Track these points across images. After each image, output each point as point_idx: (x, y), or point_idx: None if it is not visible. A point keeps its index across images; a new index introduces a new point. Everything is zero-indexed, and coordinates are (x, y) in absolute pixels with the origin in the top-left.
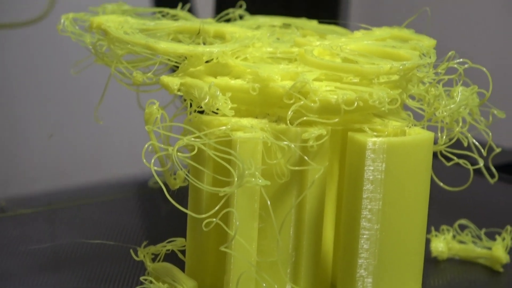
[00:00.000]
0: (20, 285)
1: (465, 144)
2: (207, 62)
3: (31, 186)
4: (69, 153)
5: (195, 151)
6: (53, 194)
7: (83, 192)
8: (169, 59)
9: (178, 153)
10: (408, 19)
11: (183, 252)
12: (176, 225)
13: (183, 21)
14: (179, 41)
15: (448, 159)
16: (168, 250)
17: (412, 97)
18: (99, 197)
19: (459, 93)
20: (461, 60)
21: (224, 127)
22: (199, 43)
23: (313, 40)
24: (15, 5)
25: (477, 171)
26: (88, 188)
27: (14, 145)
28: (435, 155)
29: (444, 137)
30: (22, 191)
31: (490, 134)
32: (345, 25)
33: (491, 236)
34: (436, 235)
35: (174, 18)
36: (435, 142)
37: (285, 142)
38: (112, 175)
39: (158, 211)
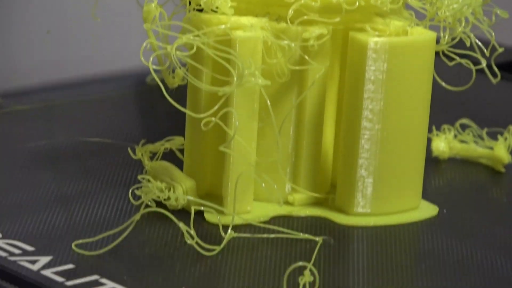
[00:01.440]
0: (17, 182)
1: (468, 44)
2: None
3: (28, 82)
4: (67, 49)
5: (194, 50)
6: (50, 90)
7: (80, 88)
8: None
9: (177, 52)
10: None
11: (181, 151)
12: (174, 123)
13: None
14: None
15: (451, 59)
16: (166, 148)
17: None
18: (97, 94)
19: None
20: None
21: (223, 26)
22: None
23: None
24: None
25: (480, 71)
26: (86, 84)
27: (12, 41)
28: (437, 54)
29: (447, 36)
30: (19, 87)
31: (493, 33)
32: None
33: (493, 136)
34: (437, 135)
35: None
36: (438, 42)
37: (286, 41)
38: (110, 71)
39: (156, 109)
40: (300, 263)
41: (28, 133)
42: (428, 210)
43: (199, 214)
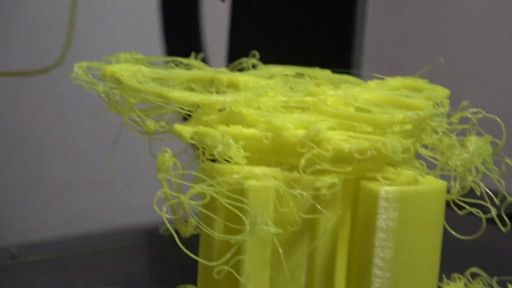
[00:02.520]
0: None
1: (478, 193)
2: (220, 111)
3: (42, 233)
4: (81, 200)
5: (207, 199)
6: (64, 241)
7: (93, 239)
8: (182, 108)
9: (190, 201)
10: (421, 69)
11: None
12: (187, 273)
13: (196, 70)
14: (192, 90)
15: (461, 208)
16: None
17: (425, 147)
18: (110, 245)
19: (473, 143)
20: (474, 109)
21: (236, 175)
22: (212, 92)
23: (327, 89)
24: (29, 54)
25: (490, 220)
26: (99, 236)
27: (26, 192)
28: (447, 204)
29: (457, 186)
30: (32, 238)
31: (503, 183)
32: (358, 75)
33: (503, 285)
34: (447, 283)
35: (187, 67)
36: (448, 191)
37: (298, 191)
38: (123, 223)
39: (169, 259)
40: None
41: (40, 285)
42: None
43: None
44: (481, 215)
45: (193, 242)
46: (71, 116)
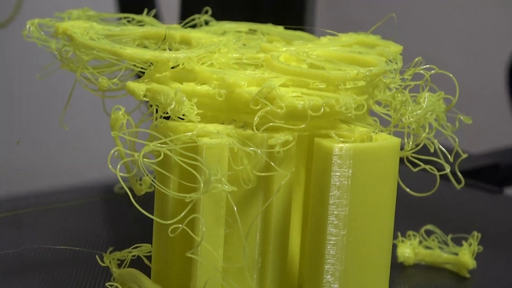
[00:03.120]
0: None
1: (432, 150)
2: (173, 68)
3: None
4: (35, 157)
5: (161, 157)
6: (18, 198)
7: (48, 196)
8: (135, 65)
9: (144, 159)
10: (374, 25)
11: (149, 258)
12: (142, 231)
13: (149, 26)
14: (145, 47)
15: (415, 165)
16: (134, 256)
17: (378, 103)
18: (64, 202)
19: (426, 99)
20: (427, 66)
21: (190, 133)
22: (165, 49)
23: (280, 46)
24: None
25: (444, 177)
26: (53, 193)
27: None
28: (401, 160)
29: (411, 143)
30: None
31: (457, 140)
32: (311, 31)
33: (458, 242)
34: (402, 241)
35: (140, 24)
36: (402, 148)
37: (252, 148)
38: (78, 180)
39: (124, 217)
40: None
41: None
42: None
43: None
44: (435, 172)
45: (148, 200)
46: (24, 73)
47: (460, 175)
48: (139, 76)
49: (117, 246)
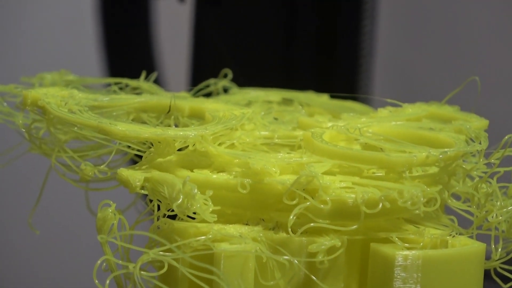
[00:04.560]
0: None
1: None
2: (180, 150)
3: None
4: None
5: (165, 269)
6: None
7: None
8: (129, 147)
9: (142, 272)
10: (451, 92)
11: None
12: None
13: (148, 95)
14: (143, 123)
15: (505, 280)
16: None
17: (456, 197)
18: None
19: None
20: None
21: (203, 237)
22: (169, 125)
23: (323, 120)
24: None
25: None
26: None
27: None
28: (487, 274)
29: (500, 249)
30: None
31: None
32: (366, 101)
33: None
34: None
35: (136, 91)
36: (488, 257)
37: (286, 257)
38: None
39: None
40: None
41: None
42: None
43: None
44: None
45: None
46: None
47: None
48: (134, 161)
49: None
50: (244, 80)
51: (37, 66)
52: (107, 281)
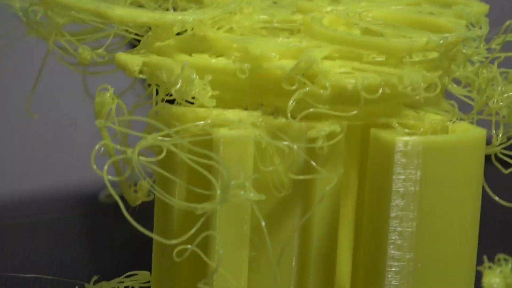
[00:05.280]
0: None
1: None
2: (178, 34)
3: None
4: None
5: (163, 154)
6: None
7: (13, 209)
8: (127, 31)
9: (140, 157)
10: None
11: None
12: (137, 253)
13: None
14: (141, 6)
15: (506, 165)
16: (127, 287)
17: (457, 82)
18: (35, 216)
19: None
20: None
21: (202, 122)
22: (167, 9)
23: (323, 4)
24: None
25: None
26: (20, 204)
27: None
28: (488, 159)
29: (501, 135)
30: None
31: None
32: None
33: None
34: (489, 267)
35: None
36: (488, 142)
37: (285, 142)
38: (52, 186)
39: (113, 235)
40: None
41: None
42: None
43: None
44: None
45: (145, 213)
46: None
47: None
48: (133, 45)
49: (104, 274)
50: None
51: None
52: (105, 166)
